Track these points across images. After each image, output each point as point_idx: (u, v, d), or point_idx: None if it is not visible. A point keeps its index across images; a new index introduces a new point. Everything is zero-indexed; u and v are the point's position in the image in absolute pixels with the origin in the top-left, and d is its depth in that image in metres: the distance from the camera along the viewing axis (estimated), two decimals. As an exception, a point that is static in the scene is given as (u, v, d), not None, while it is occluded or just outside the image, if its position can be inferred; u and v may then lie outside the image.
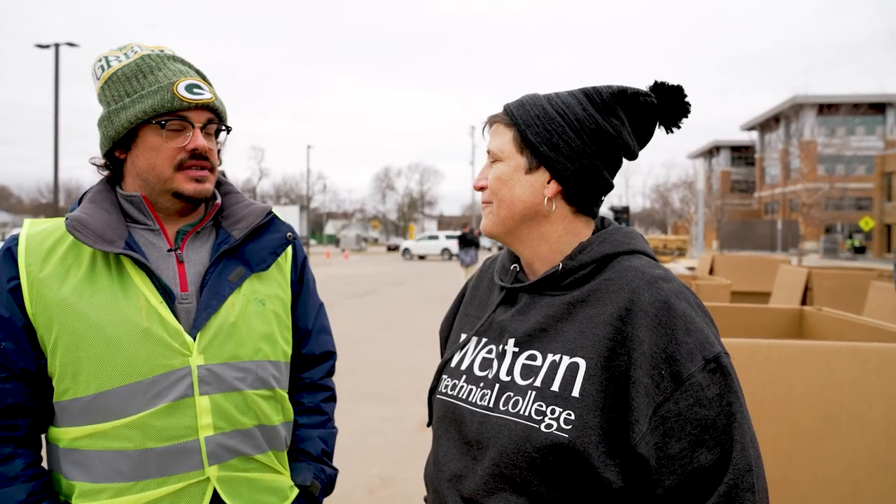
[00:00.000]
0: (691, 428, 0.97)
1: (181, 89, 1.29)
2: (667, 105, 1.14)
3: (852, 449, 1.76)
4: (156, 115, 1.28)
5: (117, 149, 1.34)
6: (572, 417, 1.00)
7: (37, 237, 1.31)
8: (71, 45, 21.36)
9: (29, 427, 1.29)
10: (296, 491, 1.44)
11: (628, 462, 1.00)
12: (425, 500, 1.29)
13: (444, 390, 1.21)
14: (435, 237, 43.23)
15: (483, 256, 16.02)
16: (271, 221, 1.46)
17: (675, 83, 1.14)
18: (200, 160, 1.32)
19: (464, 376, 1.18)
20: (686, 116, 1.15)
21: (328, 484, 1.51)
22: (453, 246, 39.04)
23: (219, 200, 1.45)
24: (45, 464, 1.34)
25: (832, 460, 1.76)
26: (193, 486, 1.28)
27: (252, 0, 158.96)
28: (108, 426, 1.25)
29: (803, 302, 5.66)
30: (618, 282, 1.07)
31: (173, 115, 1.29)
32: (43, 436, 1.34)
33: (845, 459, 1.76)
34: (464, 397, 1.15)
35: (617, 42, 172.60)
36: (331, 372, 1.61)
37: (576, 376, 1.02)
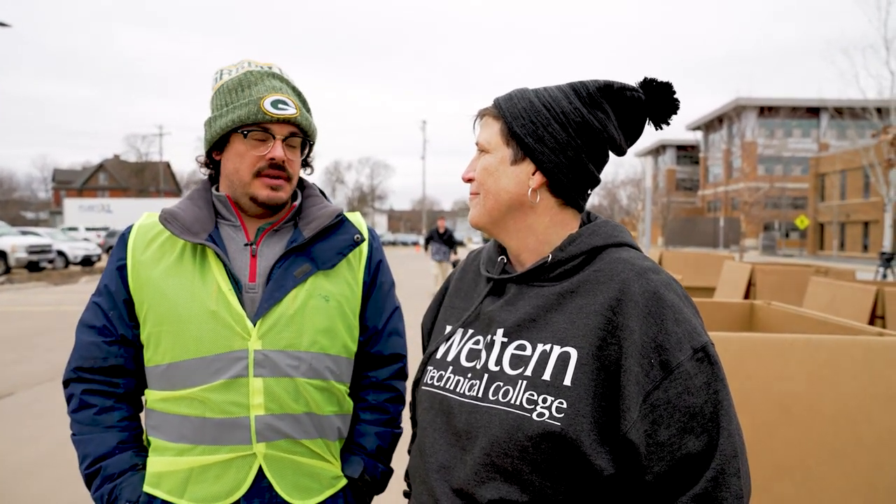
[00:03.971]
0: (680, 415, 0.99)
1: (267, 104, 1.42)
2: (655, 101, 1.16)
3: (805, 437, 1.82)
4: (242, 125, 1.42)
5: (214, 150, 1.50)
6: (564, 406, 1.01)
7: (145, 227, 1.52)
8: (2, 24, 20.23)
9: (127, 386, 1.49)
10: (343, 481, 1.50)
11: (619, 449, 1.01)
12: (405, 494, 1.28)
13: (429, 381, 1.20)
14: None
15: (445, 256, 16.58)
16: (341, 223, 1.55)
17: (665, 80, 1.15)
18: (277, 170, 1.44)
19: (450, 367, 1.17)
20: (675, 113, 1.16)
21: (379, 480, 1.55)
22: None
23: (296, 202, 1.55)
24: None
25: (786, 449, 1.82)
26: (241, 459, 1.39)
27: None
28: (178, 393, 1.41)
29: (746, 296, 5.88)
30: (608, 273, 1.08)
31: (257, 127, 1.42)
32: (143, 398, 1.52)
33: (798, 448, 1.82)
34: (451, 388, 1.15)
35: (572, 47, 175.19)
36: (400, 374, 1.63)
37: (567, 365, 1.03)
